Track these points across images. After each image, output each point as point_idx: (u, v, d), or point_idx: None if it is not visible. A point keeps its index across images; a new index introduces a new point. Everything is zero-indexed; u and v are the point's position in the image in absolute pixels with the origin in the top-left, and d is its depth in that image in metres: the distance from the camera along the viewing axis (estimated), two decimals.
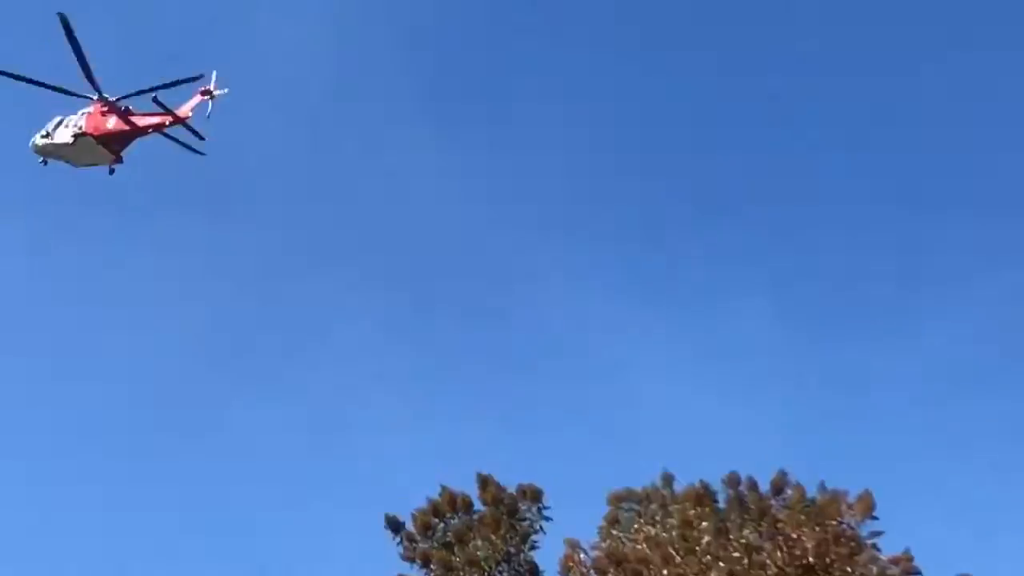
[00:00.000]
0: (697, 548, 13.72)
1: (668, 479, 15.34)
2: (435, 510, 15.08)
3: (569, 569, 14.40)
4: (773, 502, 14.41)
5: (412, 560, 14.85)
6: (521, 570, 14.73)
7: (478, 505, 15.20)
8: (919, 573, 13.90)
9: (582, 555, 14.47)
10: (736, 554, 13.59)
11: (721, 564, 13.45)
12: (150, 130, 30.81)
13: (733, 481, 14.77)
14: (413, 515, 15.08)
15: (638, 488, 15.65)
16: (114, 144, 31.33)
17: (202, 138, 30.36)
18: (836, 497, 14.06)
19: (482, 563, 14.56)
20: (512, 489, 15.24)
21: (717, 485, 14.77)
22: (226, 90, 28.46)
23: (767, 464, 16.44)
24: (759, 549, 13.64)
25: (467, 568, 14.51)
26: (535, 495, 15.18)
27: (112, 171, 31.19)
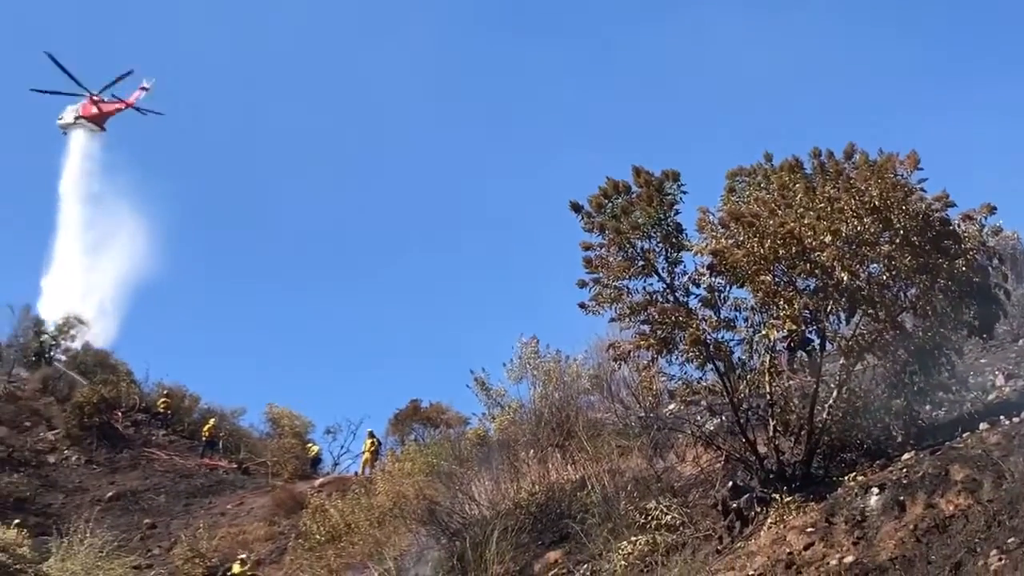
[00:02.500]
0: (792, 203, 18.81)
1: (768, 156, 20.61)
2: (604, 194, 20.35)
3: (702, 227, 19.75)
4: (846, 165, 19.58)
5: (591, 230, 20.39)
6: (669, 229, 20.01)
7: (635, 188, 20.29)
8: (954, 204, 18.72)
9: (710, 216, 19.91)
10: (821, 204, 18.45)
11: (811, 212, 18.44)
12: (115, 112, 72.29)
13: (816, 153, 19.95)
14: (588, 199, 20.41)
15: (747, 165, 21.41)
16: (97, 122, 72.28)
17: (144, 113, 72.56)
18: (891, 157, 18.82)
19: (641, 227, 19.90)
20: (658, 173, 20.29)
21: (804, 157, 20.09)
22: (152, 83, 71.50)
23: (838, 142, 21.58)
24: (837, 199, 18.37)
25: (631, 231, 19.88)
26: (675, 176, 20.26)
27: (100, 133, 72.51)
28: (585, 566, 19.08)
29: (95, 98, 71.91)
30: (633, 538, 18.86)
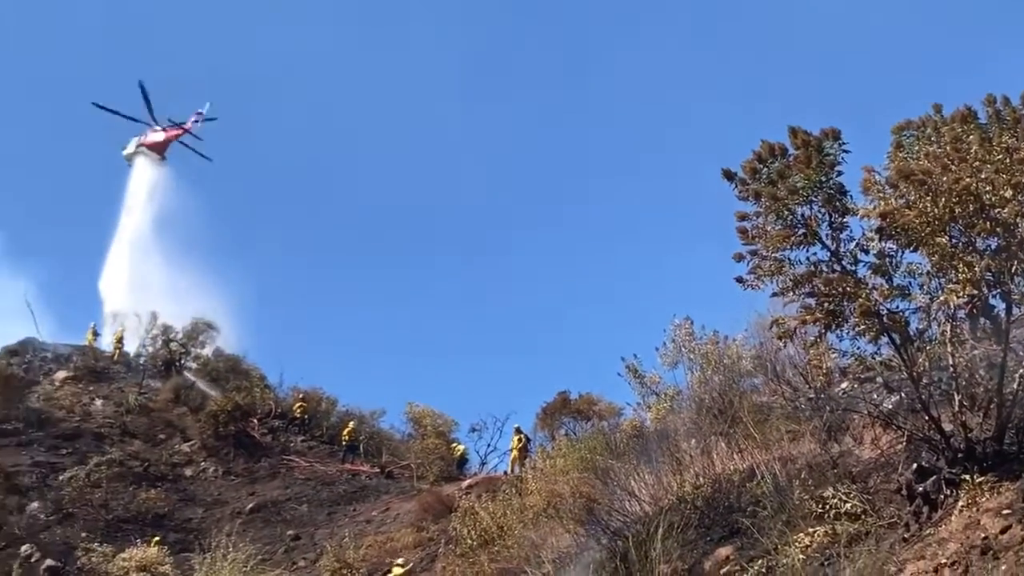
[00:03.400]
0: (967, 157, 18.26)
1: (938, 108, 20.23)
2: (758, 158, 20.08)
3: (868, 187, 19.33)
4: None
5: (746, 198, 20.15)
6: (831, 191, 19.59)
7: (791, 150, 19.93)
8: None
9: (877, 175, 19.47)
10: (999, 156, 17.96)
11: (988, 165, 17.96)
12: (174, 138, 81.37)
13: (990, 100, 19.50)
14: (742, 165, 20.20)
15: (914, 118, 21.03)
16: (158, 150, 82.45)
17: (199, 139, 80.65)
18: None
19: (800, 191, 19.50)
20: (816, 132, 19.83)
21: (977, 107, 19.68)
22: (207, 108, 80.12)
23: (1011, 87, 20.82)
24: (1017, 150, 17.90)
25: (790, 196, 19.52)
26: (836, 135, 19.82)
27: (161, 163, 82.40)
28: (759, 562, 19.01)
29: (155, 128, 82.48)
30: (810, 529, 18.79)
